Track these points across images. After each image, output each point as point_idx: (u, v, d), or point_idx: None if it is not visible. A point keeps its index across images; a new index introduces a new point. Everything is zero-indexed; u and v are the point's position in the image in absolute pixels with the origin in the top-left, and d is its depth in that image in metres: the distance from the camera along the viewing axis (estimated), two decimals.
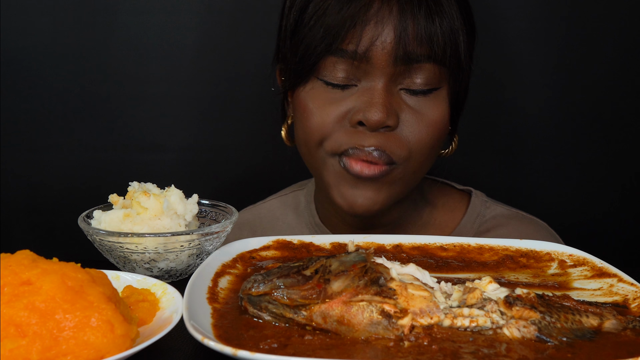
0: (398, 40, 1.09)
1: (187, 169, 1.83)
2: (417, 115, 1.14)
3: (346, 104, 1.14)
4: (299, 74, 1.17)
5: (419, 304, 0.82)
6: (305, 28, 1.14)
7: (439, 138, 1.17)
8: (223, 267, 0.99)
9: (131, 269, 1.03)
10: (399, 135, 1.14)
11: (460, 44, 1.14)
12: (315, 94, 1.16)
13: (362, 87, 1.14)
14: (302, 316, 0.82)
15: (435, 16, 1.10)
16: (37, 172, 1.84)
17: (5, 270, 0.76)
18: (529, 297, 0.84)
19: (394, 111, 1.13)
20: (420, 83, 1.13)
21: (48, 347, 0.72)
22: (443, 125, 1.17)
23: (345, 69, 1.13)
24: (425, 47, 1.10)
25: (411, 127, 1.14)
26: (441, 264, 1.06)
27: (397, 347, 0.78)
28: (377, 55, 1.10)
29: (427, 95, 1.14)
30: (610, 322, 0.84)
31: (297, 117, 1.21)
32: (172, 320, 0.81)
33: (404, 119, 1.14)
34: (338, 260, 0.86)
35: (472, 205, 1.35)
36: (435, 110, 1.15)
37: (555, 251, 1.07)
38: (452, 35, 1.12)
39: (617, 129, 1.85)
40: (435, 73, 1.13)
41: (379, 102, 1.11)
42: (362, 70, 1.13)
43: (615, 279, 0.97)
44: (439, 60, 1.12)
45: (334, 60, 1.13)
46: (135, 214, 1.03)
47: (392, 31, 1.09)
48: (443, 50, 1.11)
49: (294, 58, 1.17)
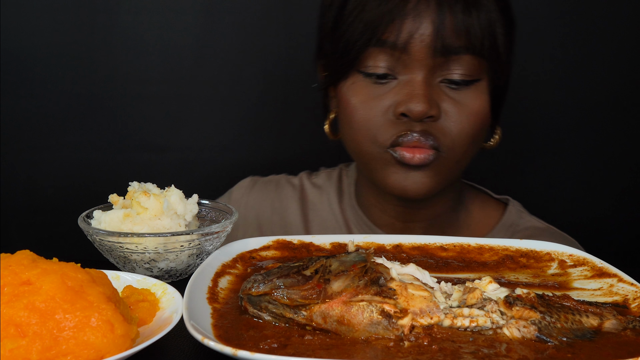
0: (436, 32, 1.12)
1: (187, 169, 1.83)
2: (458, 106, 1.17)
3: (388, 97, 1.17)
4: (340, 68, 1.20)
5: (419, 304, 0.82)
6: (344, 24, 1.18)
7: (480, 128, 1.20)
8: (223, 267, 0.99)
9: (131, 269, 1.03)
10: (441, 125, 1.16)
11: (498, 35, 1.16)
12: (357, 89, 1.19)
13: (402, 80, 1.16)
14: (302, 316, 0.82)
15: (472, 8, 1.13)
16: (37, 172, 1.84)
17: (5, 270, 0.76)
18: (529, 297, 0.84)
19: (435, 102, 1.15)
20: (460, 75, 1.16)
21: (48, 347, 0.72)
22: (484, 115, 1.19)
23: (385, 59, 1.16)
24: (462, 39, 1.13)
25: (453, 117, 1.16)
26: (441, 264, 1.06)
27: (397, 347, 0.78)
28: (416, 47, 1.13)
29: (467, 87, 1.17)
30: (610, 322, 0.84)
31: (341, 112, 1.25)
32: (172, 320, 0.81)
33: (445, 109, 1.16)
34: (338, 260, 0.86)
35: (507, 214, 1.37)
36: (475, 101, 1.17)
37: (555, 251, 1.07)
38: (490, 27, 1.14)
39: (617, 129, 1.85)
40: (474, 65, 1.16)
41: (420, 93, 1.14)
42: (401, 63, 1.15)
43: (615, 279, 0.97)
44: (477, 52, 1.14)
45: (374, 52, 1.16)
46: (135, 214, 1.03)
47: (430, 24, 1.12)
48: (481, 42, 1.14)
49: (335, 53, 1.20)
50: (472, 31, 1.13)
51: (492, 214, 1.39)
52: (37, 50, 1.77)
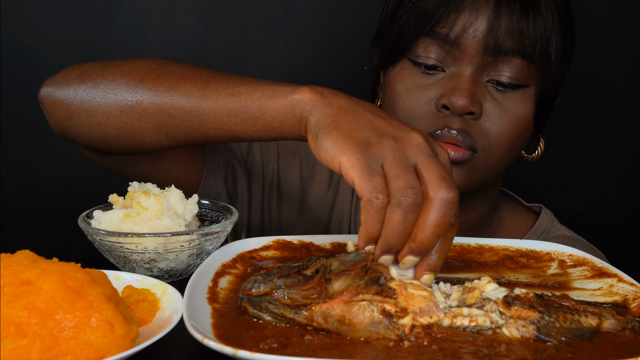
0: (490, 30, 1.12)
1: None
2: (501, 109, 1.16)
3: (433, 89, 1.17)
4: (392, 52, 1.21)
5: (419, 303, 0.82)
6: (403, 10, 1.19)
7: (521, 135, 1.19)
8: (223, 267, 0.99)
9: (131, 269, 1.03)
10: (481, 125, 1.16)
11: (552, 43, 1.15)
12: (405, 76, 1.19)
13: (450, 74, 1.16)
14: (303, 316, 0.82)
15: (530, 12, 1.13)
16: (37, 172, 1.84)
17: (5, 270, 0.76)
18: (528, 296, 0.84)
19: (478, 99, 1.15)
20: (508, 77, 1.15)
21: (48, 347, 0.72)
22: (526, 123, 1.19)
23: (436, 51, 1.16)
24: (515, 41, 1.13)
25: (494, 118, 1.16)
26: None
27: (397, 347, 0.78)
28: (468, 42, 1.13)
29: (513, 91, 1.16)
30: (609, 322, 0.84)
31: (385, 97, 1.25)
32: (172, 320, 0.81)
33: (487, 109, 1.16)
34: (338, 260, 0.86)
35: (540, 220, 1.37)
36: (519, 107, 1.17)
37: (555, 251, 1.07)
38: (545, 33, 1.14)
39: (617, 129, 1.85)
40: (523, 69, 1.15)
41: (464, 88, 1.13)
42: (451, 56, 1.15)
43: (615, 279, 0.97)
44: (527, 57, 1.14)
45: (426, 42, 1.16)
46: (135, 214, 1.03)
47: (486, 21, 1.12)
48: (532, 47, 1.13)
49: (390, 37, 1.21)
50: (526, 35, 1.12)
51: (524, 221, 1.39)
52: (37, 50, 1.77)
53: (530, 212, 1.41)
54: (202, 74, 1.04)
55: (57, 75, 1.14)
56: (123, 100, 1.05)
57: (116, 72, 1.07)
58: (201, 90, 1.01)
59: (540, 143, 1.28)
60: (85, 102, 1.07)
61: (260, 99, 0.97)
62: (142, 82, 1.04)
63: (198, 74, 1.03)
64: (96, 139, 1.10)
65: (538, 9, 1.13)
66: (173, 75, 1.04)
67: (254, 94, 0.98)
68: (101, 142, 1.10)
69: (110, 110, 1.05)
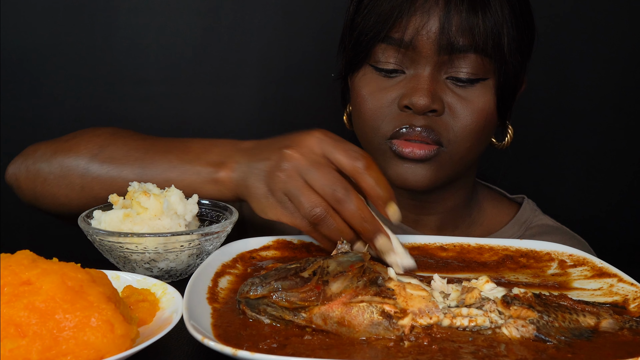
0: (441, 30, 1.15)
1: None
2: (463, 102, 1.19)
3: (395, 90, 1.20)
4: (353, 60, 1.25)
5: (418, 303, 0.82)
6: (360, 16, 1.23)
7: (485, 126, 1.22)
8: (223, 267, 0.99)
9: (131, 269, 1.04)
10: (445, 120, 1.19)
11: (504, 36, 1.18)
12: (367, 81, 1.23)
13: (409, 75, 1.20)
14: (302, 318, 0.82)
15: (479, 8, 1.16)
16: None
17: (5, 270, 0.76)
18: (526, 296, 0.84)
19: (439, 97, 1.18)
20: (466, 72, 1.18)
21: (48, 347, 0.72)
22: (488, 114, 1.21)
23: (394, 55, 1.19)
24: (467, 37, 1.15)
25: (456, 112, 1.19)
26: (441, 264, 1.06)
27: (397, 347, 0.78)
28: (422, 43, 1.16)
29: (472, 85, 1.19)
30: (607, 322, 0.84)
31: (353, 103, 1.28)
32: (172, 320, 0.81)
33: (449, 104, 1.19)
34: (335, 261, 0.85)
35: (522, 211, 1.39)
36: (480, 99, 1.20)
37: (555, 251, 1.07)
38: (495, 27, 1.16)
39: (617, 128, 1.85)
40: (479, 63, 1.18)
41: (424, 87, 1.17)
42: (409, 58, 1.19)
43: (615, 279, 0.97)
44: (481, 51, 1.17)
45: (383, 47, 1.20)
46: (135, 214, 1.03)
47: (437, 22, 1.15)
48: (484, 41, 1.16)
49: (350, 45, 1.25)
50: (477, 30, 1.15)
51: (506, 211, 1.41)
52: (37, 50, 1.77)
53: (512, 202, 1.44)
54: (136, 157, 1.16)
55: (17, 160, 1.29)
56: (76, 184, 1.19)
57: (64, 161, 1.20)
58: (138, 176, 1.14)
59: (509, 130, 1.30)
60: (46, 190, 1.22)
61: (189, 186, 1.11)
62: (88, 170, 1.18)
63: (133, 158, 1.16)
64: (64, 214, 1.23)
65: (486, 3, 1.16)
66: (114, 160, 1.17)
67: (183, 182, 1.11)
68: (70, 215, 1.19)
69: (69, 194, 1.20)
